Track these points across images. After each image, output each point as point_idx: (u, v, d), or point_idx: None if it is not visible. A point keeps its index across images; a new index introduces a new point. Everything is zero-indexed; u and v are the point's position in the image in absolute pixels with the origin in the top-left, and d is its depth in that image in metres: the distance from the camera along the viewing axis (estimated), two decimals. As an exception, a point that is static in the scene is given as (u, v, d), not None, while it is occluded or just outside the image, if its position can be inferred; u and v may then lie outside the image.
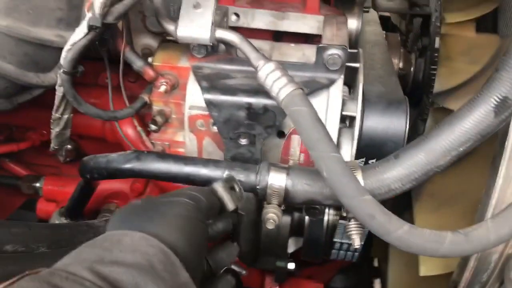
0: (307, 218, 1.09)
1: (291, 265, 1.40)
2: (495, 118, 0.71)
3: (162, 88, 0.88)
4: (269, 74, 0.75)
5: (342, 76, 0.86)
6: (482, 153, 0.98)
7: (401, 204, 1.35)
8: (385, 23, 1.54)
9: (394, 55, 1.35)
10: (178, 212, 0.66)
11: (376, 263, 1.75)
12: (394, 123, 0.91)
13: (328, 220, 1.00)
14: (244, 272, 1.42)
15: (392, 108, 0.92)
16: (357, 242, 0.80)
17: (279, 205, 0.80)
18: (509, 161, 0.89)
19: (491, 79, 0.71)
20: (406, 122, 0.91)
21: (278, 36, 1.04)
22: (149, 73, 0.89)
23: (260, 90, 0.79)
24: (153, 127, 0.91)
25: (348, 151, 0.90)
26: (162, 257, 0.58)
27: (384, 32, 1.29)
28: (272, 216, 0.79)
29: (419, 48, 1.36)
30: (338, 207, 0.89)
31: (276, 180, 0.78)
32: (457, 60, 1.26)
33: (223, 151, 0.89)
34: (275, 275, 1.42)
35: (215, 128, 0.86)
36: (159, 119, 0.92)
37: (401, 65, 1.36)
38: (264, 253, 1.28)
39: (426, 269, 1.12)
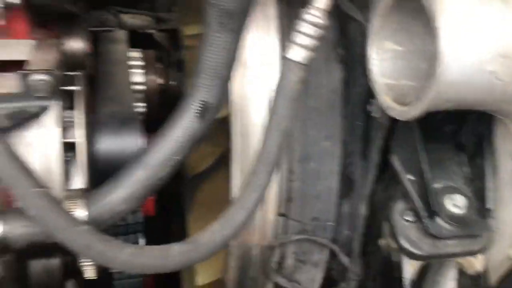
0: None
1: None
2: (201, 122, 0.73)
3: None
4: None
5: (58, 102, 0.81)
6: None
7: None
8: (149, 40, 1.53)
9: (151, 71, 1.35)
10: None
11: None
12: (130, 141, 0.90)
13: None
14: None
15: (125, 127, 0.91)
16: (90, 273, 0.75)
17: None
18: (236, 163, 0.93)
19: (192, 87, 0.73)
20: (139, 139, 0.90)
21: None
22: None
23: None
24: None
25: (80, 181, 0.85)
26: None
27: (131, 49, 1.27)
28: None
29: (174, 61, 1.39)
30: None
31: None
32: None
33: None
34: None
35: None
36: None
37: (159, 80, 1.37)
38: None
39: (203, 278, 1.12)
